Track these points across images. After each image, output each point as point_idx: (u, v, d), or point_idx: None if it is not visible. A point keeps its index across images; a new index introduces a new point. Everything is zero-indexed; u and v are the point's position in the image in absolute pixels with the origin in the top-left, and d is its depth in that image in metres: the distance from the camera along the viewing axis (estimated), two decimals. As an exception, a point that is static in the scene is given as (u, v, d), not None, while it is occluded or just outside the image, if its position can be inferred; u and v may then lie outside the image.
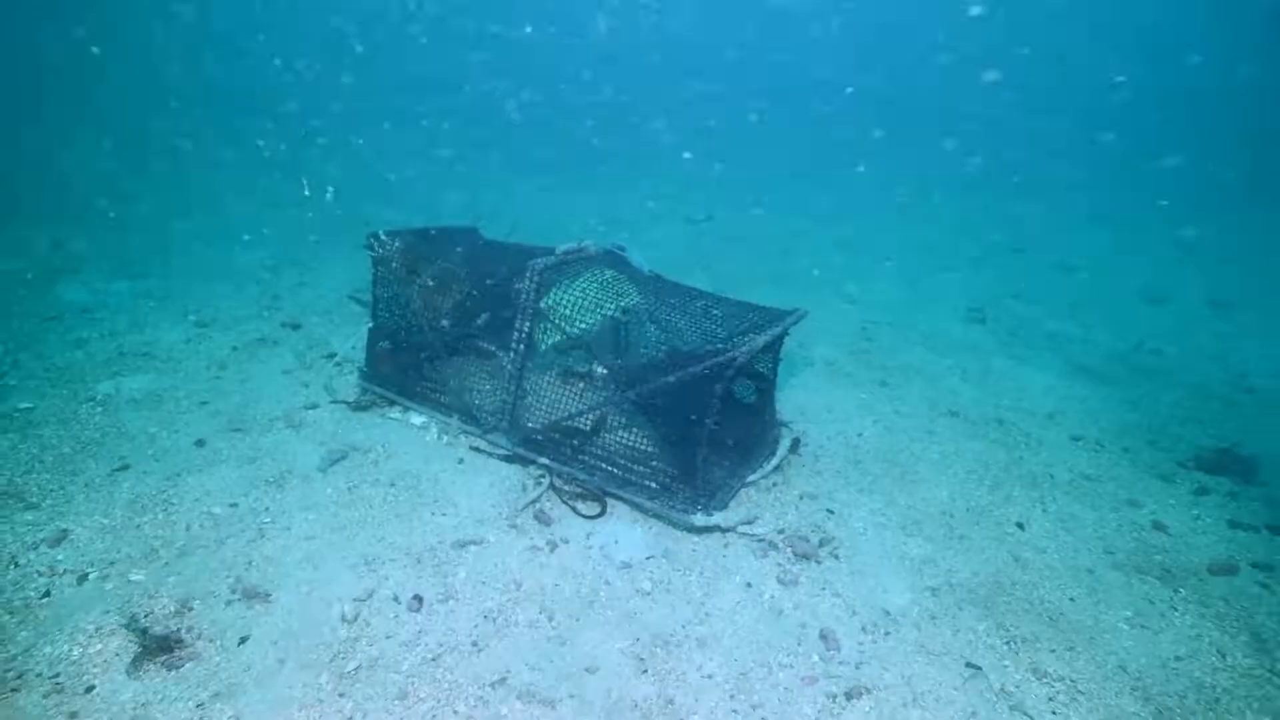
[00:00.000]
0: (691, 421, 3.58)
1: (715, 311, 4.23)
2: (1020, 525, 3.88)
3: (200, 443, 4.09)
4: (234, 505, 3.55)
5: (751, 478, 4.15)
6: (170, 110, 14.65)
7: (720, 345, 4.11)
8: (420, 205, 10.46)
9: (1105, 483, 4.39)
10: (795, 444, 4.57)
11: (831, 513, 3.91)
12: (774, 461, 4.31)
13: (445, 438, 4.35)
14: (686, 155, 15.73)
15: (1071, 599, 3.31)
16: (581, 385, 4.29)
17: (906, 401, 5.38)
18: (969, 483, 4.29)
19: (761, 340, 3.61)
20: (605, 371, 4.24)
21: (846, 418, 5.03)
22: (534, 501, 3.78)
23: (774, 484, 4.16)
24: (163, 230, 8.39)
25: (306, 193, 8.90)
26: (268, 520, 3.46)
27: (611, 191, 13.23)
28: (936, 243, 11.24)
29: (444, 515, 3.62)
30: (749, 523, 3.75)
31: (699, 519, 3.59)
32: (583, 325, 4.16)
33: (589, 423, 4.09)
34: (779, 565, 3.44)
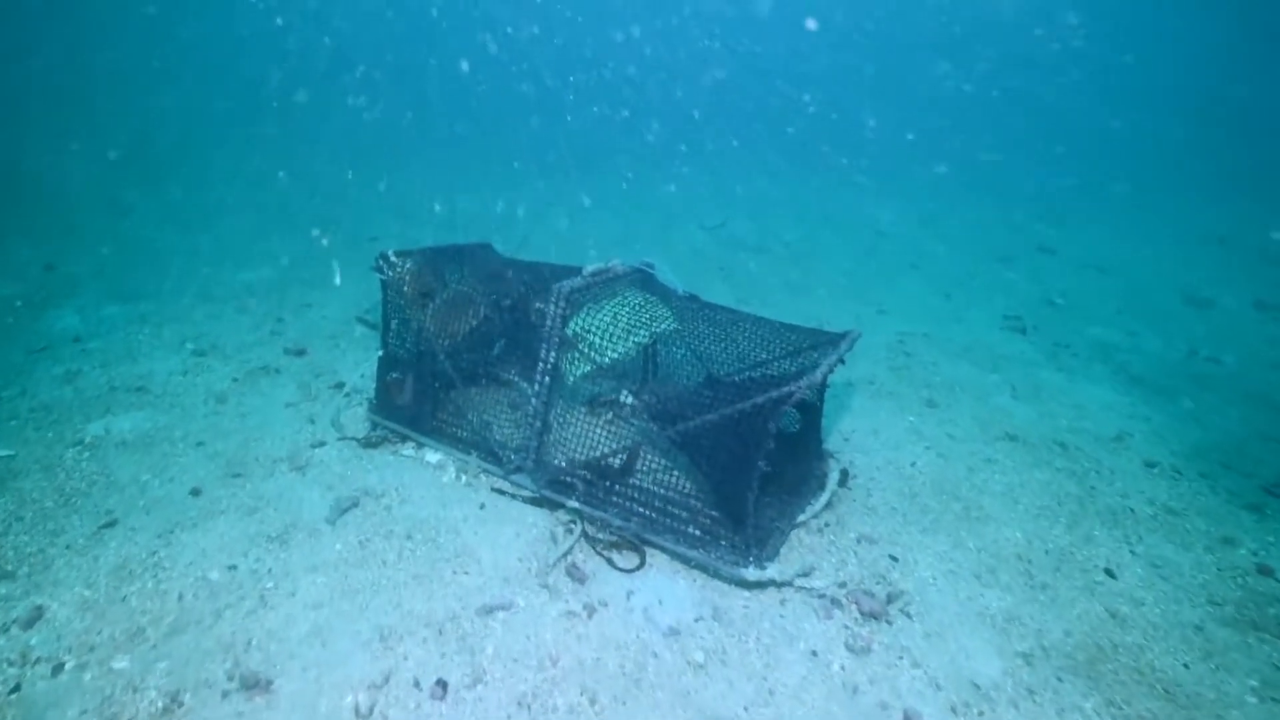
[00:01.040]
0: (742, 463, 3.20)
1: (758, 336, 3.85)
2: (1109, 572, 3.47)
3: (196, 491, 3.72)
4: (233, 568, 3.18)
5: (802, 518, 3.76)
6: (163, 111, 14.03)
7: (765, 374, 3.73)
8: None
9: (1192, 517, 3.97)
10: (844, 476, 4.18)
11: (895, 560, 3.51)
12: (824, 498, 3.92)
13: (464, 478, 3.97)
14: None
15: (1185, 665, 2.90)
16: (614, 420, 3.91)
17: (958, 424, 4.97)
18: (1042, 520, 3.89)
19: (820, 372, 3.21)
20: (640, 405, 3.86)
21: (896, 444, 4.63)
22: (566, 554, 3.40)
23: (825, 524, 3.77)
24: (163, 248, 8.04)
25: (324, 243, 8.39)
26: (270, 585, 3.08)
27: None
28: (960, 245, 10.81)
29: (467, 574, 3.24)
30: (806, 574, 3.35)
31: (751, 573, 3.20)
32: (614, 354, 3.77)
33: (622, 461, 3.71)
34: (846, 628, 3.05)
